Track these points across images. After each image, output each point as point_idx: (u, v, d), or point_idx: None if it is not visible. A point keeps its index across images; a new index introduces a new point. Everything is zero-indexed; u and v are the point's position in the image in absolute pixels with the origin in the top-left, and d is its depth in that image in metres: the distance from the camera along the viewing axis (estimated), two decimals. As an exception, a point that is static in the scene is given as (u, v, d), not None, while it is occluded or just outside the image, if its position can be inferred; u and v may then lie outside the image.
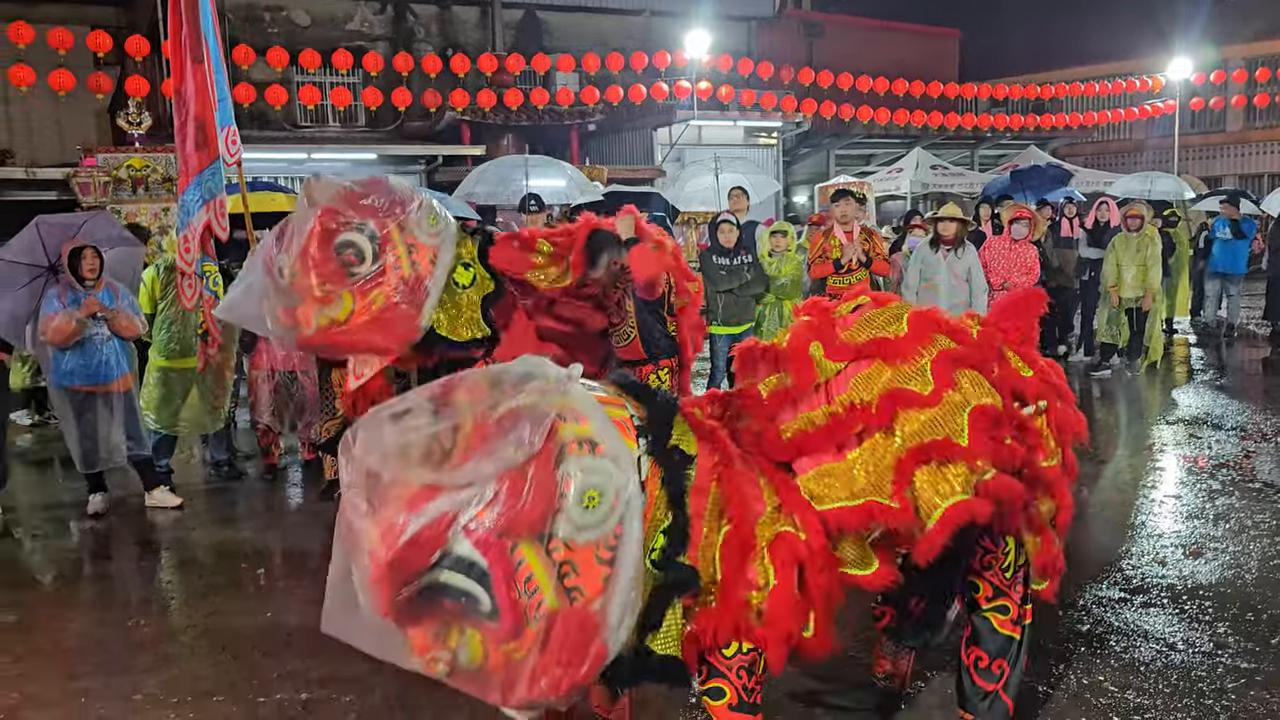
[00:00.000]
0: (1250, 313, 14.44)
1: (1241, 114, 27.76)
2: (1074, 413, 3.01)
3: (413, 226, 4.03)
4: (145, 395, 6.70)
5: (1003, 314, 3.09)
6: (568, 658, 2.21)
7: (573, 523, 2.21)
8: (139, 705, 3.76)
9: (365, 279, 3.94)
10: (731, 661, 2.56)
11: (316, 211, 3.99)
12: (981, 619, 2.97)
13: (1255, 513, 5.55)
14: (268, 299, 4.03)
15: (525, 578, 2.21)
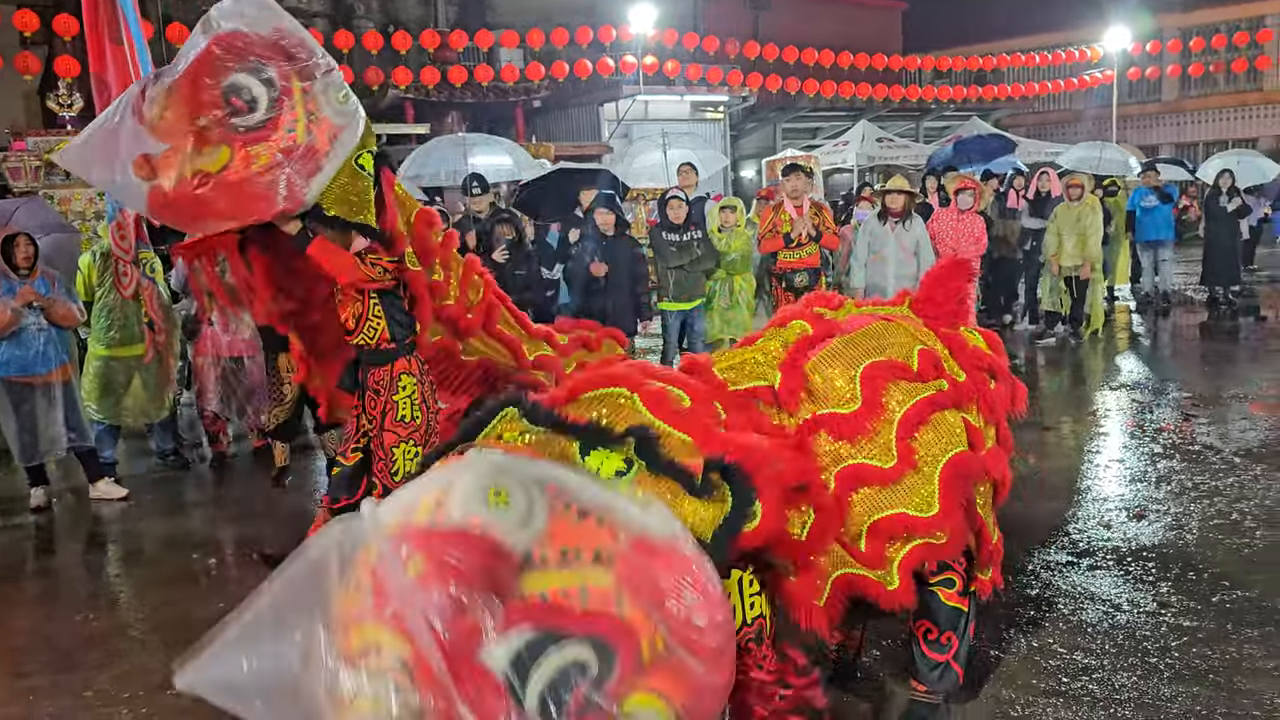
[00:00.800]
0: (1188, 279, 14.80)
1: (1177, 84, 28.30)
2: (1009, 388, 3.07)
3: (319, 92, 3.55)
4: (86, 385, 6.54)
5: (929, 289, 3.14)
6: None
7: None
8: (89, 702, 3.70)
9: (251, 129, 3.41)
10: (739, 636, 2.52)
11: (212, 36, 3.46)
12: (929, 592, 2.99)
13: (1195, 475, 5.71)
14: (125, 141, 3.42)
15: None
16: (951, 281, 3.10)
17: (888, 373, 2.76)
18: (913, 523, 2.67)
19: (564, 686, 1.68)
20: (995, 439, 2.99)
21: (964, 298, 3.10)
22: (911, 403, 2.74)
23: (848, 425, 2.67)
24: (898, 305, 3.15)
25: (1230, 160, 15.46)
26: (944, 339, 2.98)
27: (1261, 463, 5.86)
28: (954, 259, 3.22)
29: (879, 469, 2.66)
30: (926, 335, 2.95)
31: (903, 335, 2.88)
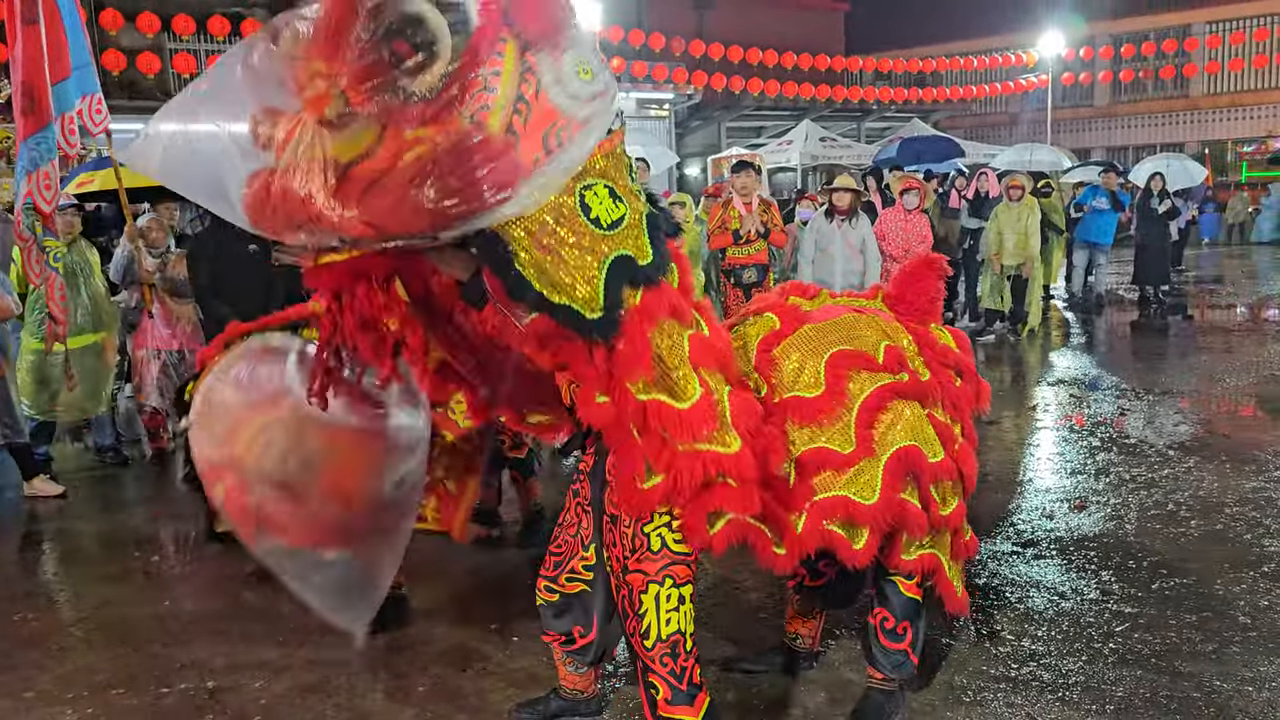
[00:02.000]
0: (1119, 279, 15.22)
1: (1108, 89, 29.12)
2: (974, 385, 3.13)
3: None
4: (19, 380, 6.34)
5: (903, 285, 3.18)
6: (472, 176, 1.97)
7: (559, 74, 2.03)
8: (31, 703, 3.59)
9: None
10: (653, 652, 2.58)
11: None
12: (888, 582, 3.06)
13: (1132, 466, 5.87)
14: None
15: (493, 70, 1.98)
16: (924, 279, 3.14)
17: (852, 361, 2.81)
18: (853, 508, 2.72)
19: None
20: (962, 435, 3.04)
21: (936, 295, 3.15)
22: (871, 389, 2.79)
23: (810, 409, 2.72)
24: (871, 299, 3.19)
25: (1161, 163, 15.93)
26: (914, 334, 3.03)
27: (1194, 455, 6.05)
28: (927, 257, 3.26)
29: (839, 453, 2.71)
30: (896, 330, 2.99)
31: (872, 329, 2.93)
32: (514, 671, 3.66)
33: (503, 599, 4.29)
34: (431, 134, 1.97)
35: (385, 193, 1.95)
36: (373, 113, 1.97)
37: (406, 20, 1.97)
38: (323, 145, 1.97)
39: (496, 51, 2.02)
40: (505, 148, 2.01)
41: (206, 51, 17.07)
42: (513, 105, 2.03)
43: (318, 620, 4.14)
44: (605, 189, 2.28)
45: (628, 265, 2.28)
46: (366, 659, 3.81)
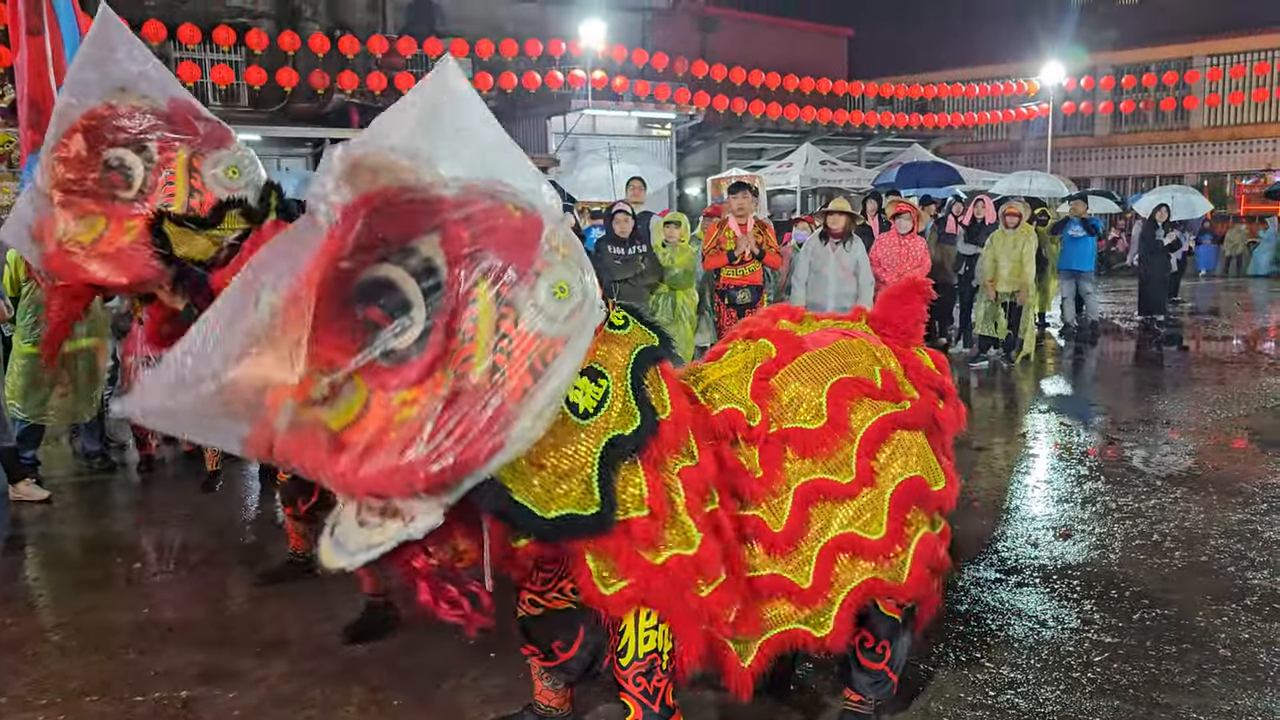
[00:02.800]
0: (1114, 308, 15.25)
1: (1109, 119, 29.25)
2: (953, 409, 3.15)
3: (209, 165, 3.49)
4: (10, 383, 6.34)
5: (888, 308, 3.20)
6: (462, 432, 1.99)
7: (536, 300, 2.05)
8: (4, 709, 3.57)
9: (124, 204, 3.38)
10: (628, 671, 2.58)
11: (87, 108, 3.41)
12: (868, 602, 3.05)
13: (1119, 496, 5.87)
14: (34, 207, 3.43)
15: (470, 318, 2.01)
16: (909, 302, 3.16)
17: (854, 389, 2.82)
18: (860, 544, 2.74)
19: None
20: (944, 455, 3.05)
21: (920, 318, 3.16)
22: (874, 419, 2.80)
23: (812, 441, 2.74)
24: (855, 320, 3.19)
25: (1166, 195, 15.97)
26: (900, 357, 3.05)
27: (1181, 486, 6.05)
28: (912, 279, 3.28)
29: (838, 484, 2.73)
30: (885, 353, 3.02)
31: (865, 354, 2.95)
32: (490, 687, 3.64)
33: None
34: (417, 395, 2.01)
35: (381, 462, 1.99)
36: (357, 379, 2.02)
37: (376, 287, 2.03)
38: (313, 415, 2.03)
39: (472, 299, 2.04)
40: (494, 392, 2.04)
41: (211, 61, 17.19)
42: (493, 347, 2.06)
43: (297, 632, 4.16)
44: (585, 377, 2.33)
45: (618, 447, 2.36)
46: (342, 672, 3.80)
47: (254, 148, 13.90)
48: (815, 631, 2.76)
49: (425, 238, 2.03)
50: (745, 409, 2.77)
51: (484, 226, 2.06)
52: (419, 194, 2.06)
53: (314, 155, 17.75)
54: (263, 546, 5.24)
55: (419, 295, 2.03)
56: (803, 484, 2.74)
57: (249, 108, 18.95)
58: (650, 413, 2.43)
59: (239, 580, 4.86)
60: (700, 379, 2.86)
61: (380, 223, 2.03)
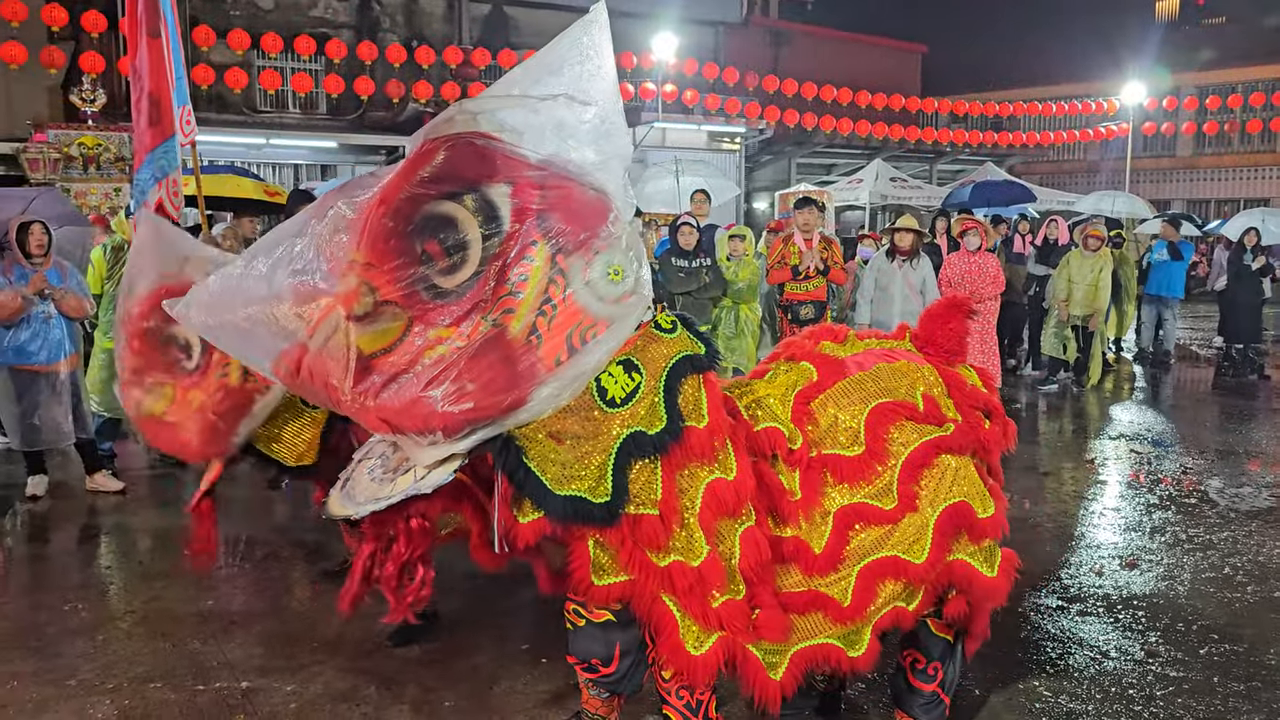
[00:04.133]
0: (1192, 334, 14.81)
1: (1192, 140, 28.49)
2: (1001, 426, 3.08)
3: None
4: (90, 377, 6.58)
5: (930, 326, 3.15)
6: (488, 380, 2.02)
7: (589, 277, 2.09)
8: (73, 690, 3.70)
9: (188, 375, 3.54)
10: (670, 684, 2.58)
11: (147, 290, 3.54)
12: (918, 623, 3.00)
13: (1189, 527, 5.70)
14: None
15: (520, 275, 2.04)
16: (952, 319, 3.12)
17: (894, 414, 2.79)
18: (903, 567, 2.71)
19: None
20: (990, 475, 3.01)
21: (964, 335, 3.12)
22: (916, 444, 2.77)
23: (851, 469, 2.73)
24: (899, 339, 3.17)
25: (1255, 218, 15.44)
26: (944, 375, 3.01)
27: (1256, 519, 5.85)
28: (953, 296, 3.24)
29: (879, 509, 2.71)
30: (928, 373, 2.98)
31: (906, 378, 2.91)
32: (540, 693, 3.67)
33: (536, 620, 4.31)
34: (453, 336, 2.05)
35: (401, 391, 2.04)
36: (400, 309, 2.04)
37: (439, 221, 2.06)
38: (348, 336, 2.06)
39: (527, 256, 2.07)
40: (527, 351, 2.07)
41: (292, 69, 17.64)
42: (538, 308, 2.09)
43: (354, 630, 4.24)
44: (620, 366, 2.34)
45: (639, 442, 2.34)
46: (397, 671, 3.85)
47: (330, 155, 14.30)
48: (849, 650, 2.71)
49: (497, 185, 2.07)
50: (787, 430, 2.76)
51: (555, 192, 2.10)
52: (503, 146, 2.10)
53: (388, 163, 18.06)
54: (323, 545, 5.35)
55: (478, 238, 2.06)
56: (843, 508, 2.71)
57: (327, 115, 19.41)
58: (677, 417, 2.40)
59: (300, 577, 4.97)
60: (747, 393, 2.85)
61: (458, 159, 2.07)
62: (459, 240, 2.05)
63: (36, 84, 18.16)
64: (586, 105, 2.17)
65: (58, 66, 14.97)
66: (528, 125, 2.13)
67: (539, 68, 2.22)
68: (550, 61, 2.21)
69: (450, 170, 2.05)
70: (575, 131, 2.17)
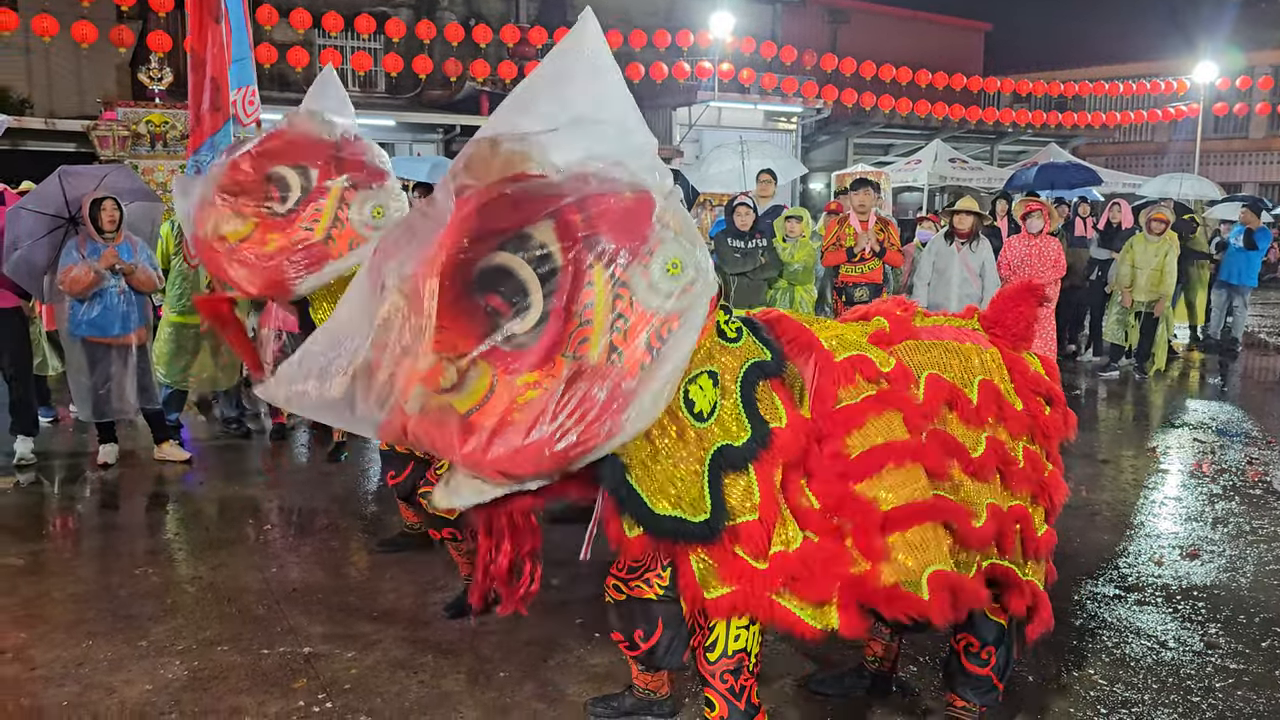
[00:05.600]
0: (1262, 321, 14.41)
1: (1265, 121, 27.61)
2: (1062, 414, 3.04)
3: (358, 201, 3.69)
4: (156, 350, 6.77)
5: (1000, 308, 3.10)
6: (583, 413, 2.07)
7: (649, 278, 2.11)
8: (145, 651, 3.84)
9: (273, 216, 3.61)
10: (715, 667, 2.59)
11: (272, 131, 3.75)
12: None
13: (1254, 518, 5.58)
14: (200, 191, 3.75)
15: (586, 303, 2.08)
16: (1022, 304, 3.06)
17: (948, 393, 2.77)
18: None
19: None
20: (1049, 461, 2.98)
21: (1032, 321, 3.06)
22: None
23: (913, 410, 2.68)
24: (967, 319, 3.14)
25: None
26: (1008, 361, 2.97)
27: (1325, 512, 5.72)
28: (1027, 282, 3.18)
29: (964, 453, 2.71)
30: (992, 359, 2.93)
31: (966, 361, 2.87)
32: (593, 666, 3.72)
33: (592, 597, 4.35)
34: (539, 379, 2.09)
35: (508, 442, 2.09)
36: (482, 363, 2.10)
37: (495, 275, 2.09)
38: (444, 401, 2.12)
39: (588, 283, 2.11)
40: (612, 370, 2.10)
41: (352, 48, 17.84)
42: (610, 327, 2.12)
43: (412, 600, 4.33)
44: (708, 377, 2.39)
45: (728, 455, 2.38)
46: (454, 642, 3.94)
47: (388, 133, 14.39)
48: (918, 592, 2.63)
49: (540, 224, 2.10)
50: (876, 356, 2.71)
51: (596, 210, 2.12)
52: (532, 183, 2.14)
53: (445, 141, 18.22)
54: (382, 516, 5.46)
55: (535, 280, 2.09)
56: None
57: (385, 94, 19.58)
58: (761, 424, 2.42)
59: (359, 547, 5.08)
60: (826, 329, 2.82)
61: (495, 212, 2.11)
62: (518, 286, 2.09)
63: (106, 63, 18.59)
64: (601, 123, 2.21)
65: (126, 45, 15.29)
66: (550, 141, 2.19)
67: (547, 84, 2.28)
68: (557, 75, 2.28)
69: (490, 226, 2.10)
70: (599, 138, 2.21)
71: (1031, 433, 2.93)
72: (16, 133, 13.40)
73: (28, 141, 14.16)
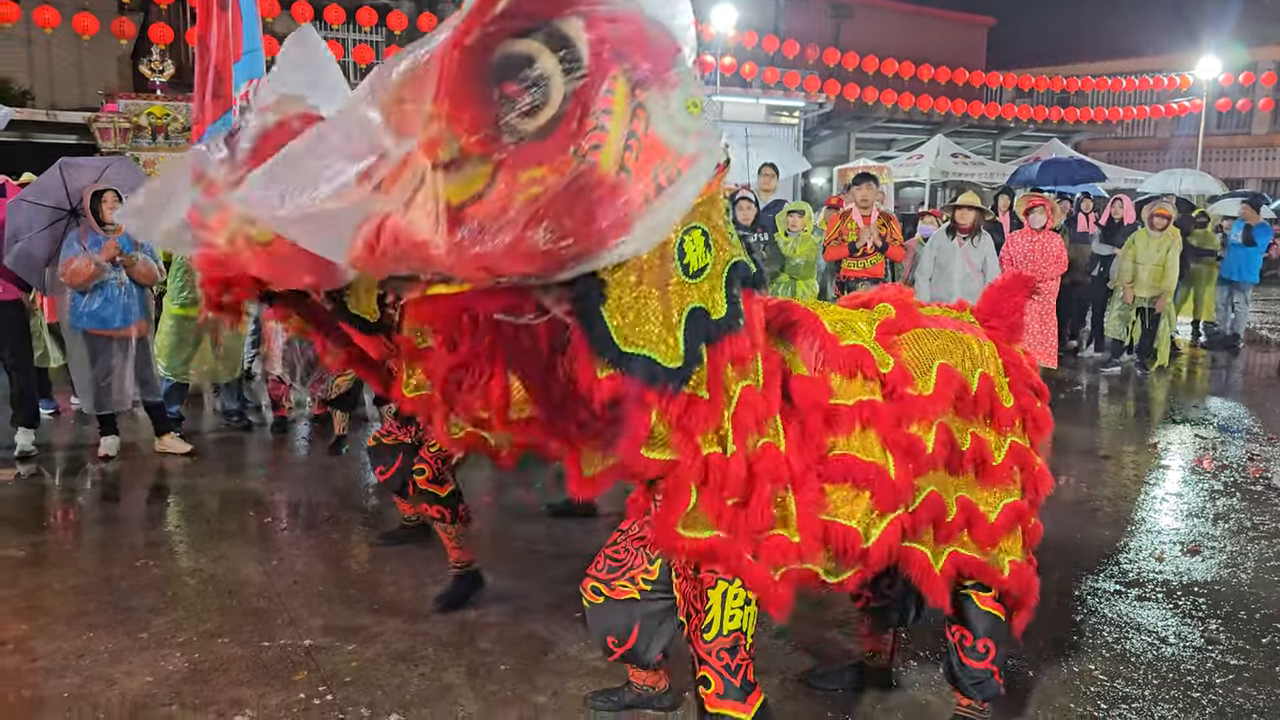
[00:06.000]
0: (1263, 318, 14.40)
1: (1268, 117, 27.53)
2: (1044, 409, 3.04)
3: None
4: (158, 342, 6.77)
5: (995, 300, 3.11)
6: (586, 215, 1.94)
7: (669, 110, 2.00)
8: (145, 643, 3.84)
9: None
10: (711, 645, 2.58)
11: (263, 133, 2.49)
12: (964, 598, 2.99)
13: (1255, 514, 5.58)
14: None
15: (605, 109, 1.96)
16: (1015, 294, 3.08)
17: (955, 384, 2.78)
18: None
19: None
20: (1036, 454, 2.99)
21: (1022, 312, 3.08)
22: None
23: (916, 407, 2.70)
24: (961, 312, 3.14)
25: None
26: (1003, 354, 2.97)
27: (1326, 508, 5.71)
28: (1017, 273, 3.20)
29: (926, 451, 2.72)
30: (989, 353, 2.93)
31: (968, 351, 2.88)
32: (592, 660, 3.72)
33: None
34: (545, 174, 1.95)
35: (499, 236, 1.95)
36: (485, 154, 1.95)
37: (516, 61, 1.94)
38: (436, 188, 1.96)
39: (608, 89, 1.98)
40: (619, 187, 1.97)
41: (354, 40, 17.80)
42: (624, 142, 1.99)
43: (412, 593, 4.33)
44: (702, 235, 2.30)
45: (703, 319, 2.30)
46: (453, 635, 3.94)
47: (391, 126, 14.27)
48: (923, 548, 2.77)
49: (569, 19, 1.97)
50: (876, 353, 2.70)
51: (627, 25, 2.02)
52: None
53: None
54: (383, 509, 5.46)
55: (558, 74, 1.95)
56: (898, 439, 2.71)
57: (387, 87, 19.53)
58: (737, 311, 2.34)
59: (360, 540, 5.08)
60: (831, 312, 2.81)
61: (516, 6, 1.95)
62: (538, 78, 1.94)
63: (107, 54, 18.58)
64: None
65: (128, 37, 15.27)
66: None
67: None
68: None
69: (521, 7, 1.95)
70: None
71: (1022, 426, 2.94)
72: (19, 124, 13.40)
73: (30, 133, 14.15)
